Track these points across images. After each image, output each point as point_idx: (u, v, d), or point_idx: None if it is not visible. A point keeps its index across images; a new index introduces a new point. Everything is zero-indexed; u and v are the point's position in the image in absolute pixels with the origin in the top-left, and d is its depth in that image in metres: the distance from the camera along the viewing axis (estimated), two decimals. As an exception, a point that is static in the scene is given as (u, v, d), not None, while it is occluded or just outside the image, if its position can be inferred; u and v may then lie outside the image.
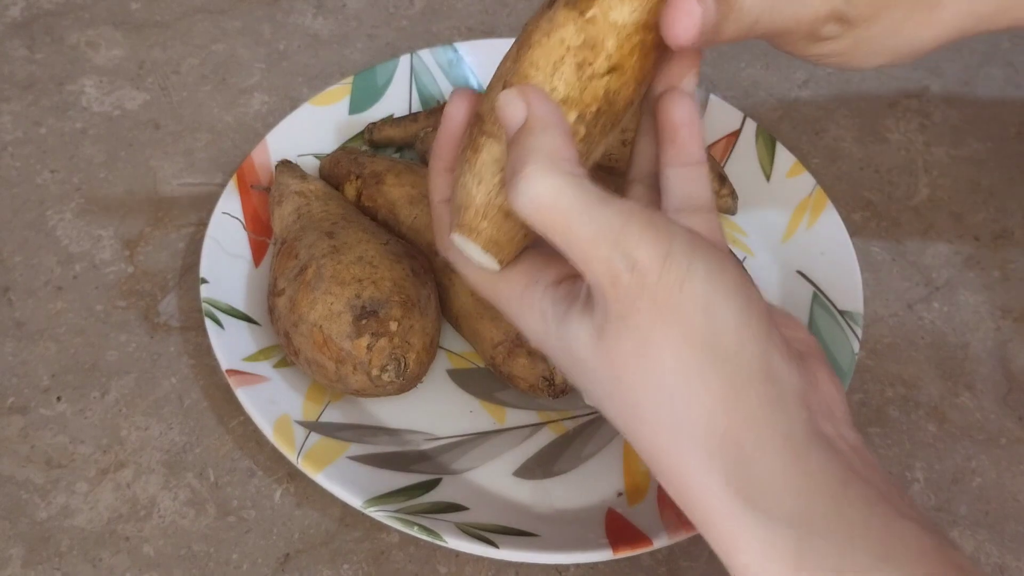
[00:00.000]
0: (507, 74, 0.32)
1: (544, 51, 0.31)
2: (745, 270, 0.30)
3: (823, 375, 0.32)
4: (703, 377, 0.28)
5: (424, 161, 0.52)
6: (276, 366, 0.45)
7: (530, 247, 0.34)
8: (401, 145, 0.54)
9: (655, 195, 0.35)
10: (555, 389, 0.43)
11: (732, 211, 0.52)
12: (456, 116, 0.34)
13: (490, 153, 0.32)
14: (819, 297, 0.48)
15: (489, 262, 0.33)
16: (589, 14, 0.31)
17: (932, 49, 0.39)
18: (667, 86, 0.35)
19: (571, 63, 0.31)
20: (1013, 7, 0.38)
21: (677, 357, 0.28)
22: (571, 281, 0.32)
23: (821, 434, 0.30)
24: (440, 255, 0.37)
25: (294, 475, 0.43)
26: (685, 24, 0.31)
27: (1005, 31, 0.40)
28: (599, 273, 0.29)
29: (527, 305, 0.33)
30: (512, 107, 0.30)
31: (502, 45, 0.57)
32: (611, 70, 0.31)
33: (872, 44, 0.37)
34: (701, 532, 0.30)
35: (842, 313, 0.47)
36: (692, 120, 0.34)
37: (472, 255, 0.33)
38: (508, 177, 0.30)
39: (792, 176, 0.53)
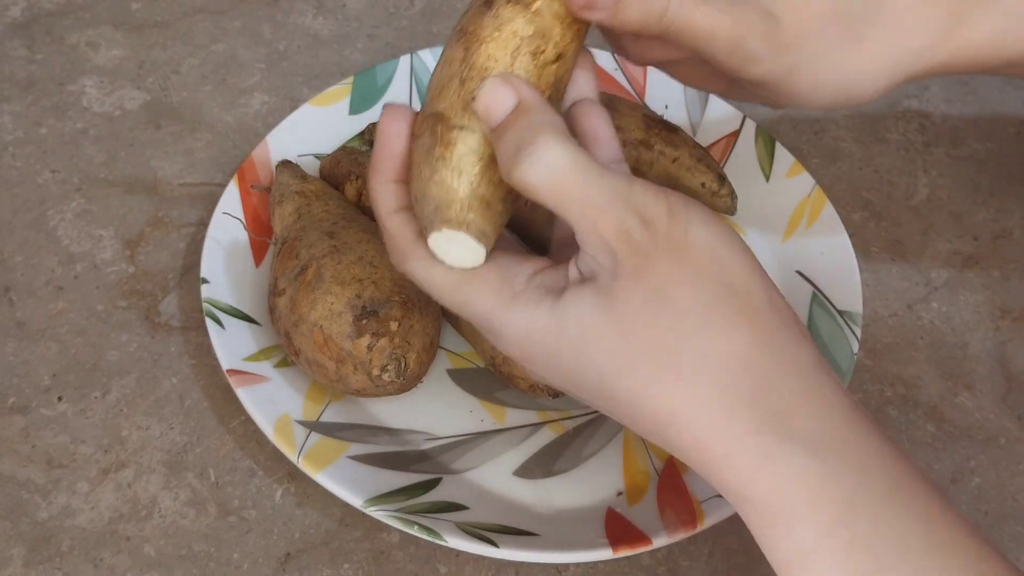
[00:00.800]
0: (462, 72, 0.33)
1: (499, 44, 0.32)
2: None
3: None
4: (720, 311, 0.30)
5: None
6: (277, 366, 0.45)
7: (495, 252, 0.34)
8: (401, 145, 0.54)
9: None
10: (555, 389, 0.43)
11: (732, 211, 0.52)
12: (394, 129, 0.34)
13: (467, 144, 0.32)
14: (818, 297, 0.48)
15: (476, 255, 0.33)
16: (535, 7, 0.32)
17: (882, 88, 0.39)
18: (576, 97, 0.35)
19: (526, 52, 0.32)
20: (943, 43, 0.39)
21: (694, 294, 0.30)
22: (547, 271, 0.33)
23: (822, 363, 0.31)
24: (397, 269, 0.36)
25: (295, 475, 0.43)
26: None
27: (945, 73, 0.41)
28: (611, 233, 0.30)
29: (508, 301, 0.32)
30: (500, 93, 0.31)
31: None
32: (558, 57, 0.33)
33: (808, 74, 0.38)
34: (715, 474, 0.30)
35: (841, 313, 0.47)
36: (607, 126, 0.35)
37: (456, 253, 0.33)
38: (513, 154, 0.30)
39: (791, 176, 0.53)
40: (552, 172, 0.30)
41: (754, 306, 0.30)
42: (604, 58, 0.56)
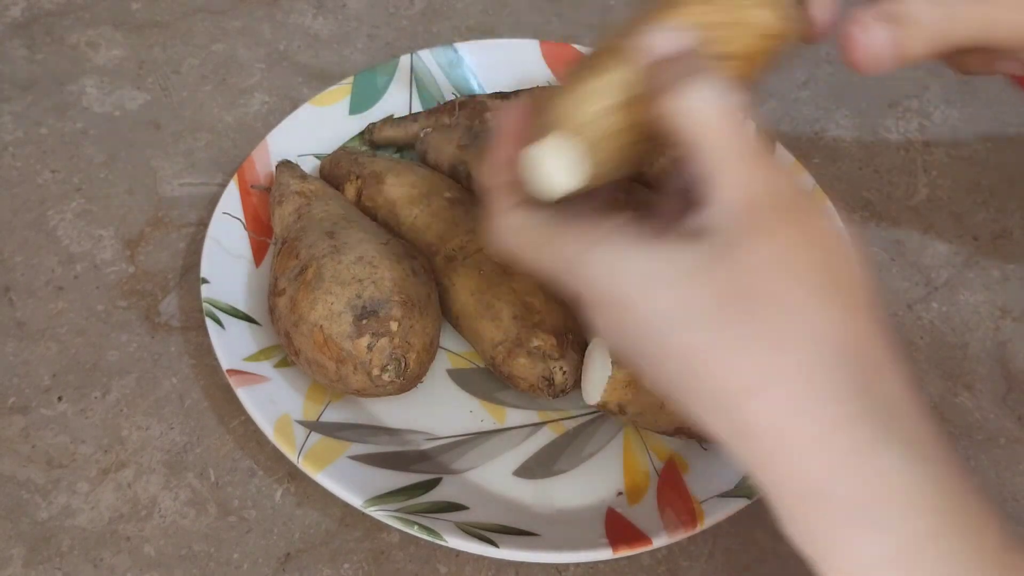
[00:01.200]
0: (652, 17, 0.33)
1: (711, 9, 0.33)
2: None
3: None
4: (838, 292, 0.29)
5: (425, 161, 0.52)
6: (277, 366, 0.45)
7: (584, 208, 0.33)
8: (402, 146, 0.54)
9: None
10: (555, 389, 0.43)
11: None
12: (515, 116, 0.35)
13: (620, 75, 0.32)
14: (819, 297, 0.48)
15: (570, 176, 0.32)
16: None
17: None
18: None
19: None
20: None
21: (814, 272, 0.29)
22: (642, 221, 0.32)
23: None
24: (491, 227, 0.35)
25: (295, 475, 0.43)
26: (866, 48, 0.33)
27: None
28: (751, 188, 0.29)
29: (598, 239, 0.31)
30: (672, 36, 0.31)
31: (502, 45, 0.57)
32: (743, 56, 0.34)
33: None
34: (785, 462, 0.27)
35: (841, 313, 0.47)
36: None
37: (552, 168, 0.32)
38: (671, 80, 0.30)
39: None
40: (706, 108, 0.30)
41: (861, 300, 0.29)
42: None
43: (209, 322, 0.44)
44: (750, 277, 0.28)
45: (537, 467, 0.43)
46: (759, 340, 0.28)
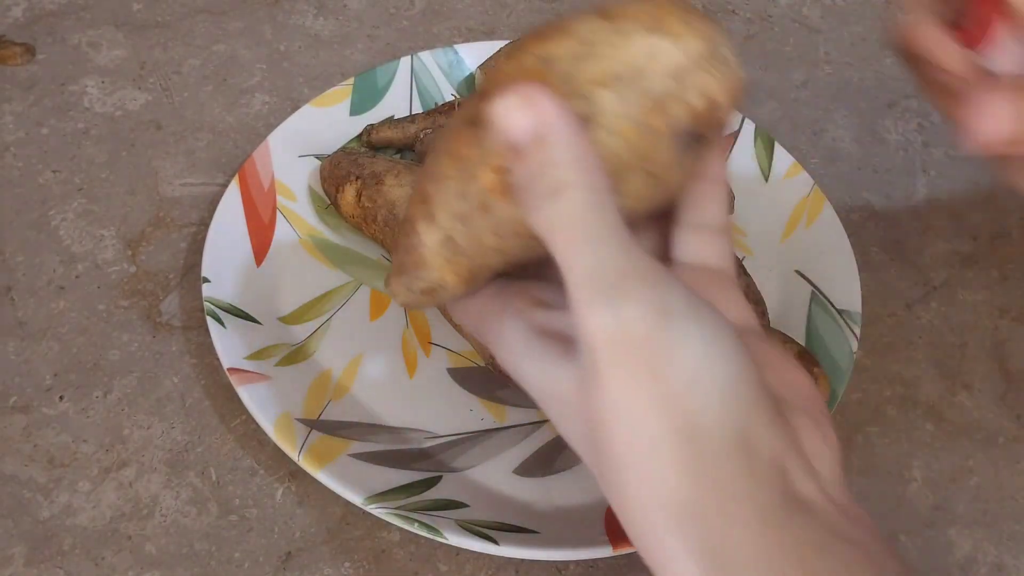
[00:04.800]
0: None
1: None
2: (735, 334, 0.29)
3: (811, 432, 0.30)
4: (677, 452, 0.27)
5: (423, 162, 0.52)
6: (278, 364, 0.45)
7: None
8: (400, 147, 0.54)
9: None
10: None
11: (729, 211, 0.52)
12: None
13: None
14: (817, 297, 0.49)
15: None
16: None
17: None
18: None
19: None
20: None
21: (652, 428, 0.27)
22: (541, 310, 0.31)
23: (798, 499, 0.28)
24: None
25: (295, 474, 0.43)
26: (990, 125, 0.29)
27: None
28: (585, 313, 0.27)
29: (499, 334, 0.31)
30: (536, 115, 0.28)
31: (502, 46, 0.57)
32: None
33: None
34: None
35: (840, 312, 0.47)
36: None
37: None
38: (528, 187, 0.28)
39: (790, 176, 0.53)
40: (564, 226, 0.27)
41: (717, 449, 0.27)
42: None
43: (210, 321, 0.44)
44: (597, 422, 0.28)
45: (537, 465, 0.44)
46: (617, 486, 0.28)
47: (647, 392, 0.27)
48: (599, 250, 0.27)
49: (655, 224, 0.34)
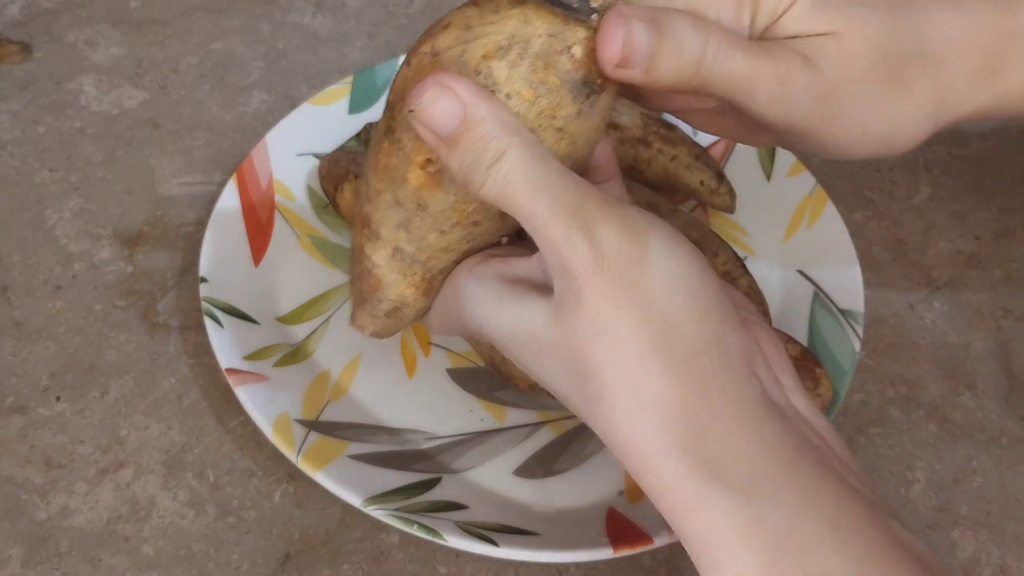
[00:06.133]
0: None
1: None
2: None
3: (766, 341, 0.33)
4: (661, 353, 0.29)
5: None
6: (276, 365, 0.44)
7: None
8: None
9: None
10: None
11: (730, 209, 0.52)
12: None
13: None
14: (820, 296, 0.48)
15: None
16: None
17: (924, 135, 0.37)
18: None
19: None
20: (985, 86, 0.37)
21: (636, 335, 0.29)
22: (495, 258, 0.33)
23: (772, 402, 0.30)
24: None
25: (294, 475, 0.43)
26: (613, 48, 0.30)
27: (985, 118, 0.38)
28: (564, 250, 0.29)
29: (461, 299, 0.33)
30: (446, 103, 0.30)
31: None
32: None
33: (848, 123, 0.35)
34: (656, 504, 0.30)
35: (843, 312, 0.47)
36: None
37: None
38: (467, 168, 0.30)
39: (793, 175, 0.53)
40: (512, 182, 0.29)
41: (697, 349, 0.29)
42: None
43: (208, 321, 0.44)
44: (578, 343, 0.29)
45: (537, 466, 0.43)
46: (602, 404, 0.30)
47: (628, 302, 0.29)
48: (555, 189, 0.29)
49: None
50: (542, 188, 0.29)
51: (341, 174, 0.50)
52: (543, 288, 0.31)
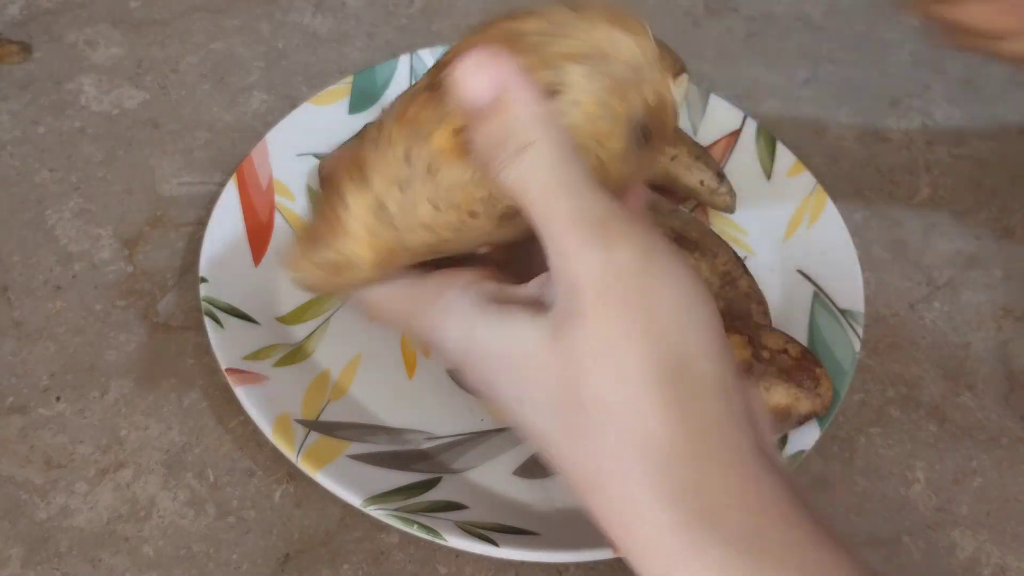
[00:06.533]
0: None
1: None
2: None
3: (754, 392, 0.31)
4: (665, 390, 0.27)
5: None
6: (276, 365, 0.44)
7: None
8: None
9: None
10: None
11: (730, 209, 0.52)
12: None
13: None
14: (820, 296, 0.48)
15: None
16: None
17: None
18: None
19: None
20: None
21: (640, 366, 0.27)
22: (491, 282, 0.31)
23: (765, 452, 0.29)
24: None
25: (294, 475, 0.43)
26: None
27: None
28: (577, 264, 0.27)
29: (444, 308, 0.31)
30: (496, 74, 0.28)
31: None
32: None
33: None
34: (632, 559, 0.28)
35: (843, 312, 0.47)
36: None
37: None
38: (494, 147, 0.28)
39: (793, 175, 0.53)
40: (535, 178, 0.27)
41: (701, 391, 0.27)
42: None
43: (208, 321, 0.44)
44: (574, 366, 0.27)
45: (537, 466, 0.43)
46: (590, 438, 0.27)
47: (637, 329, 0.27)
48: (578, 196, 0.27)
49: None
50: (566, 191, 0.27)
51: (341, 174, 0.50)
52: (542, 311, 0.29)
